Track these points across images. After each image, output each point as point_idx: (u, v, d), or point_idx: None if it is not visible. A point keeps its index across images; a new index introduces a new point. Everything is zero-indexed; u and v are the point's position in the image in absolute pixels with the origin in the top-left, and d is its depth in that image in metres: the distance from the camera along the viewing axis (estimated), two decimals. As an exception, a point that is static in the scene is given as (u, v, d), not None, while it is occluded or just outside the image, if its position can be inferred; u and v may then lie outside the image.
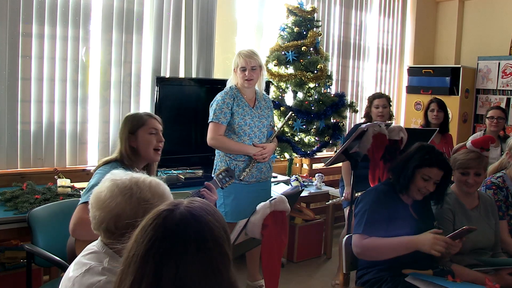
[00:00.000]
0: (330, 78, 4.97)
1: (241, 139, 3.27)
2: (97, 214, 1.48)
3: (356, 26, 5.99)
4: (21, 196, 3.07)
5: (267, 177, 3.46)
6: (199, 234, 1.06)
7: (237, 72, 3.26)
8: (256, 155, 3.26)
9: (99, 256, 1.46)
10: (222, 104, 3.22)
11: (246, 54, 3.23)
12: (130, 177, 1.51)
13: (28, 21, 3.46)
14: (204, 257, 1.05)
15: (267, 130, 3.40)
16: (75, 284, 1.40)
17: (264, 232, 2.07)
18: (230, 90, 3.29)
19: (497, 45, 6.32)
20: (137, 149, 2.44)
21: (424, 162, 2.39)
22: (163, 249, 1.03)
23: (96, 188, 1.53)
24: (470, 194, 2.67)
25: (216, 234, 1.09)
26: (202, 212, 1.10)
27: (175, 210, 1.09)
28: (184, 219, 1.07)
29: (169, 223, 1.06)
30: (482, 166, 2.59)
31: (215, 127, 3.24)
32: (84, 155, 3.82)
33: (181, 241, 1.04)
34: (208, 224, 1.09)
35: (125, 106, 3.98)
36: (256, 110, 3.34)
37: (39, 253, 2.55)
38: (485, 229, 2.62)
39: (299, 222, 4.40)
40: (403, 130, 2.92)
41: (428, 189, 2.41)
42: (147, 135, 2.45)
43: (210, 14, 4.38)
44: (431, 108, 4.32)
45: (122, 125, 2.49)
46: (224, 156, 3.32)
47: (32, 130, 3.55)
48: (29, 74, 3.49)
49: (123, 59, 3.94)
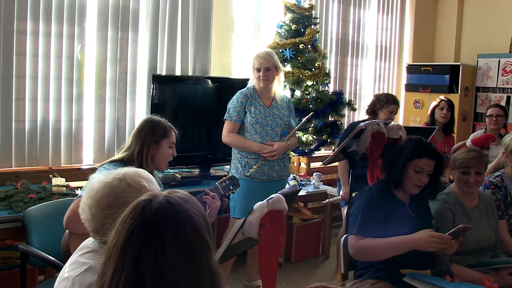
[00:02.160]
0: (328, 76, 4.96)
1: (252, 137, 3.38)
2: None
3: (354, 23, 5.96)
4: (15, 195, 3.05)
5: (281, 176, 3.51)
6: (176, 221, 1.09)
7: (254, 73, 3.40)
8: (264, 153, 3.31)
9: (98, 255, 1.46)
10: (236, 103, 3.38)
11: (260, 55, 3.38)
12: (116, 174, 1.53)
13: (22, 18, 3.44)
14: (182, 244, 1.07)
15: (281, 129, 3.45)
16: (75, 283, 1.39)
17: (262, 231, 2.05)
18: (246, 90, 3.43)
19: (497, 43, 6.30)
20: (154, 158, 2.43)
21: (413, 153, 2.39)
22: (142, 237, 1.06)
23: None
24: (470, 194, 2.65)
25: (194, 221, 1.11)
26: (179, 201, 1.13)
27: (153, 200, 1.11)
28: (161, 208, 1.09)
29: (147, 212, 1.09)
30: (482, 165, 2.58)
31: (228, 125, 3.40)
32: (79, 154, 3.80)
33: (159, 228, 1.07)
34: (186, 212, 1.11)
35: (120, 104, 3.95)
36: (272, 109, 3.42)
37: (33, 253, 2.54)
38: (485, 229, 2.61)
39: (297, 222, 4.38)
40: (402, 129, 2.90)
41: (423, 181, 2.40)
42: (167, 149, 2.47)
43: (207, 11, 4.36)
44: (441, 106, 4.28)
45: (145, 130, 2.43)
46: (237, 153, 3.44)
47: (27, 129, 3.53)
48: (23, 72, 3.47)
49: (118, 57, 3.92)
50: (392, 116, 3.85)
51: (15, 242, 3.07)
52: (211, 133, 3.99)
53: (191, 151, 4.05)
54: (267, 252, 2.13)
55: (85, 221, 1.52)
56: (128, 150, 2.42)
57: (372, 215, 2.36)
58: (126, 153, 2.41)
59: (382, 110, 3.86)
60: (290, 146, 3.49)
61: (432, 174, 2.42)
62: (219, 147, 3.69)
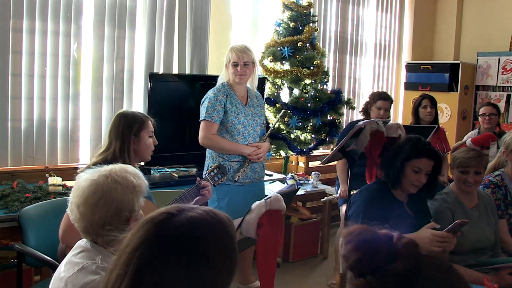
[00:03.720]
0: (326, 74, 4.93)
1: (235, 138, 3.17)
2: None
3: (353, 21, 5.93)
4: (11, 194, 3.04)
5: (261, 177, 3.38)
6: (191, 248, 0.96)
7: (229, 68, 3.16)
8: (251, 155, 3.17)
9: (91, 254, 1.46)
10: (215, 101, 3.12)
11: (238, 49, 3.14)
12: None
13: (18, 16, 3.41)
14: (191, 275, 0.95)
15: (260, 129, 3.32)
16: (68, 284, 1.39)
17: (260, 231, 2.03)
18: (222, 87, 3.18)
19: (497, 41, 6.27)
20: (136, 151, 2.41)
21: (412, 154, 2.36)
22: (149, 253, 0.96)
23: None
24: (470, 193, 2.64)
25: (213, 253, 0.99)
26: (204, 227, 1.00)
27: (175, 216, 1.00)
28: (179, 229, 0.98)
29: (162, 228, 0.98)
30: (482, 165, 2.56)
31: (208, 125, 3.12)
32: (76, 153, 3.78)
33: (169, 251, 0.96)
34: (206, 240, 0.99)
35: (117, 102, 3.94)
36: (249, 108, 3.24)
37: (29, 253, 2.53)
38: (485, 229, 2.59)
39: (295, 221, 4.35)
40: (401, 128, 2.88)
41: (421, 181, 2.38)
42: (148, 139, 2.43)
43: (204, 9, 4.33)
44: (424, 104, 4.23)
45: (122, 126, 2.39)
46: (217, 156, 3.20)
47: (23, 128, 3.51)
48: (19, 70, 3.45)
49: (115, 55, 3.89)
50: (384, 113, 3.79)
51: (11, 242, 3.06)
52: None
53: (189, 150, 4.03)
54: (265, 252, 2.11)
55: (74, 221, 1.51)
56: (108, 150, 2.37)
57: (373, 216, 2.33)
58: (107, 153, 2.36)
59: (372, 109, 3.86)
60: (269, 145, 3.38)
61: (430, 174, 2.40)
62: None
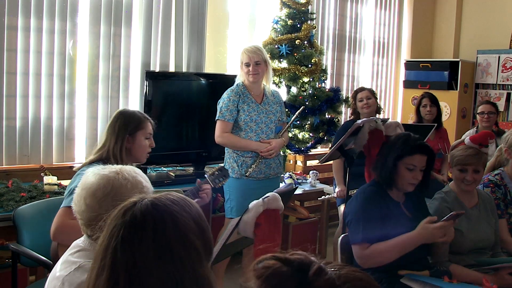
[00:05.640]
0: (324, 72, 4.91)
1: (248, 135, 3.32)
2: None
3: (351, 18, 5.91)
4: (6, 194, 3.03)
5: (277, 173, 3.49)
6: (157, 222, 1.07)
7: (243, 68, 3.32)
8: (263, 152, 3.28)
9: (88, 253, 1.45)
10: (228, 102, 3.29)
11: (249, 49, 3.30)
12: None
13: (13, 13, 3.40)
14: (161, 246, 1.05)
15: (275, 126, 3.42)
16: (65, 283, 1.39)
17: (257, 231, 2.01)
18: (236, 87, 3.35)
19: (497, 39, 6.24)
20: (131, 151, 2.39)
21: (403, 151, 2.32)
22: (120, 238, 1.06)
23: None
24: (469, 192, 2.62)
25: (179, 223, 1.09)
26: (166, 202, 1.12)
27: (138, 202, 1.11)
28: (144, 209, 1.09)
29: (129, 213, 1.09)
30: (481, 163, 2.54)
31: (221, 124, 3.31)
32: (71, 151, 3.76)
33: (137, 229, 1.06)
34: (171, 213, 1.10)
35: (113, 101, 3.92)
36: (264, 106, 3.37)
37: (25, 253, 2.53)
38: (485, 228, 2.57)
39: (293, 221, 4.33)
40: (400, 126, 2.86)
41: (417, 178, 2.34)
42: (144, 140, 2.42)
43: (201, 6, 4.32)
44: (423, 103, 4.25)
45: (119, 123, 2.38)
46: (232, 152, 3.37)
47: (18, 126, 3.49)
48: (14, 68, 3.44)
49: (111, 53, 3.87)
50: (367, 101, 3.87)
51: (6, 241, 3.05)
52: (206, 131, 3.92)
53: (186, 149, 4.00)
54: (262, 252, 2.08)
55: (77, 213, 1.51)
56: (103, 147, 2.36)
57: (374, 217, 2.31)
58: (103, 150, 2.35)
59: (357, 104, 3.94)
60: (285, 141, 3.48)
61: (425, 170, 2.37)
62: (213, 145, 3.63)
